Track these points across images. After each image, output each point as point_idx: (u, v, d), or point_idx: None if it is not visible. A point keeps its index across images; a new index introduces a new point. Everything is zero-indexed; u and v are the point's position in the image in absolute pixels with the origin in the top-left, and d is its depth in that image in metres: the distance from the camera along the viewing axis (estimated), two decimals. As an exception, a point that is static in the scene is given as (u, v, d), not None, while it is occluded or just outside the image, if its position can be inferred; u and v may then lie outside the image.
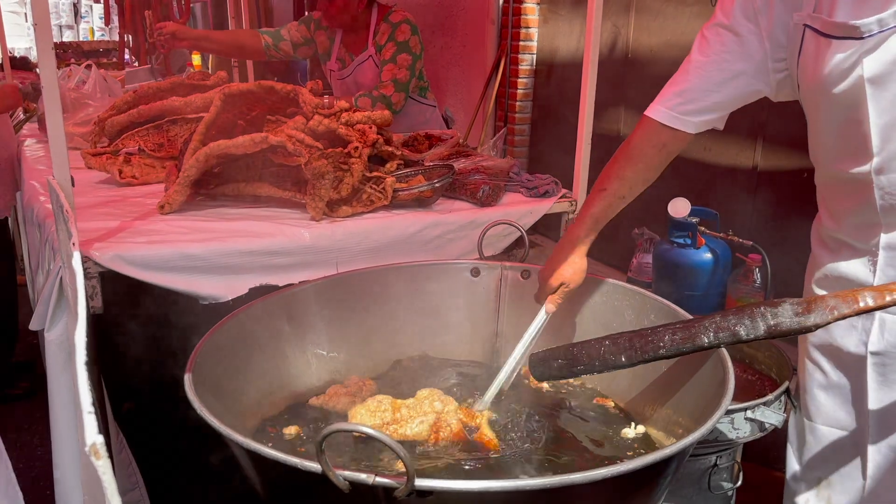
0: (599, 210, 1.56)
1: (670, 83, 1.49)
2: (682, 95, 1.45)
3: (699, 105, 1.44)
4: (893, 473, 1.39)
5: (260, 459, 1.03)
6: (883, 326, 1.34)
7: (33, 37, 5.43)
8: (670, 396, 1.43)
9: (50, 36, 1.59)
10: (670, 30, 3.86)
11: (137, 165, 2.52)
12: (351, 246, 1.97)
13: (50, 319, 1.74)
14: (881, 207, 1.27)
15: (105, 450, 0.57)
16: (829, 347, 1.45)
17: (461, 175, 2.34)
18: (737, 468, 1.89)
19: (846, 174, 1.30)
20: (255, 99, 2.31)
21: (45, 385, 1.78)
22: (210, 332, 1.40)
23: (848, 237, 1.37)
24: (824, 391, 1.49)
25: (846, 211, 1.36)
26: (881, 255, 1.31)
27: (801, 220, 1.55)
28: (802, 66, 1.30)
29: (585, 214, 1.58)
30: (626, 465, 0.99)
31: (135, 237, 1.85)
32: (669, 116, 1.46)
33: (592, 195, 1.58)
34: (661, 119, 1.48)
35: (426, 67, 3.35)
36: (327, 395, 1.55)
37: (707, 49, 1.41)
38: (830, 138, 1.32)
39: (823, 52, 1.23)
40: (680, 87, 1.46)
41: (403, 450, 0.89)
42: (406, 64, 3.05)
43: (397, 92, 3.02)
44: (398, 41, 3.06)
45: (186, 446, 1.84)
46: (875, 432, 1.39)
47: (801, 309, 1.17)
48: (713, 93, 1.42)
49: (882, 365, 1.36)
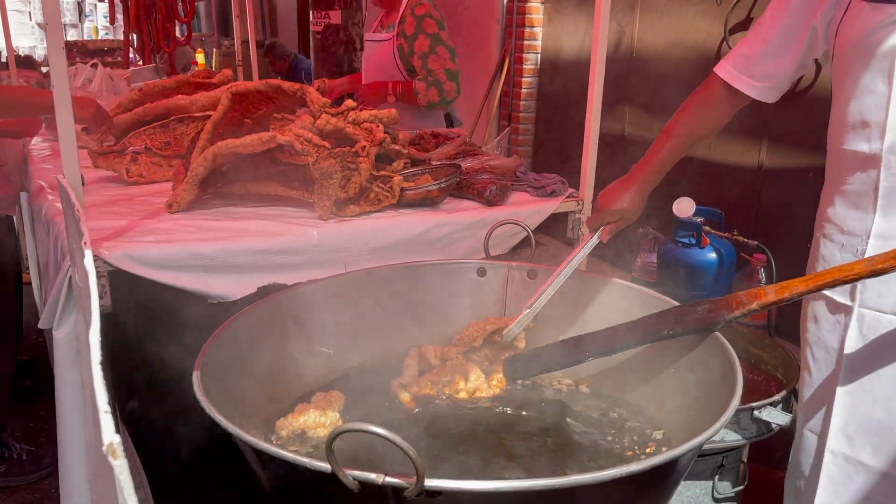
0: (665, 154, 1.59)
1: (741, 42, 1.52)
2: (747, 57, 1.49)
3: (761, 70, 1.47)
4: (845, 486, 1.39)
5: (269, 459, 1.04)
6: (861, 323, 1.34)
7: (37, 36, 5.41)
8: (677, 396, 1.43)
9: (61, 37, 1.59)
10: (675, 29, 3.86)
11: (144, 164, 2.52)
12: (358, 245, 1.98)
13: (59, 318, 1.75)
14: (883, 189, 1.28)
15: (122, 449, 0.57)
16: (818, 345, 1.46)
17: (468, 174, 2.34)
18: (743, 468, 1.90)
19: (857, 154, 1.31)
20: (262, 97, 2.32)
21: (50, 383, 1.79)
22: (218, 330, 1.40)
23: (843, 225, 1.39)
24: (808, 390, 1.49)
25: (846, 197, 1.37)
26: (870, 243, 1.32)
27: (806, 220, 1.55)
28: (842, 32, 1.32)
29: (652, 158, 1.59)
30: (635, 465, 0.99)
31: (143, 236, 1.86)
32: (732, 75, 1.51)
33: (659, 140, 1.60)
34: (723, 76, 1.52)
35: None
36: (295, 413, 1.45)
37: (775, 13, 1.44)
38: (850, 114, 1.33)
39: (866, 16, 1.26)
40: (746, 48, 1.50)
41: (413, 450, 0.89)
42: (447, 56, 3.20)
43: (449, 81, 3.17)
44: (429, 33, 3.20)
45: (191, 445, 1.84)
46: (834, 439, 1.39)
47: (713, 306, 1.34)
48: (772, 58, 1.45)
49: (853, 365, 1.36)
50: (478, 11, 5.37)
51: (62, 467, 1.84)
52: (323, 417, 1.35)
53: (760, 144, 3.36)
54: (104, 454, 0.58)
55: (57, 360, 1.77)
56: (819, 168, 1.47)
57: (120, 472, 0.56)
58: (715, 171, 3.55)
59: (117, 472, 0.56)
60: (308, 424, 1.34)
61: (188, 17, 4.92)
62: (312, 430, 1.34)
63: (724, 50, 3.47)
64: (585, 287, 1.68)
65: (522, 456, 1.33)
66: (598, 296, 1.70)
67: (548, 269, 1.74)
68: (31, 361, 3.60)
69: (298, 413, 1.38)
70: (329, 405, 1.42)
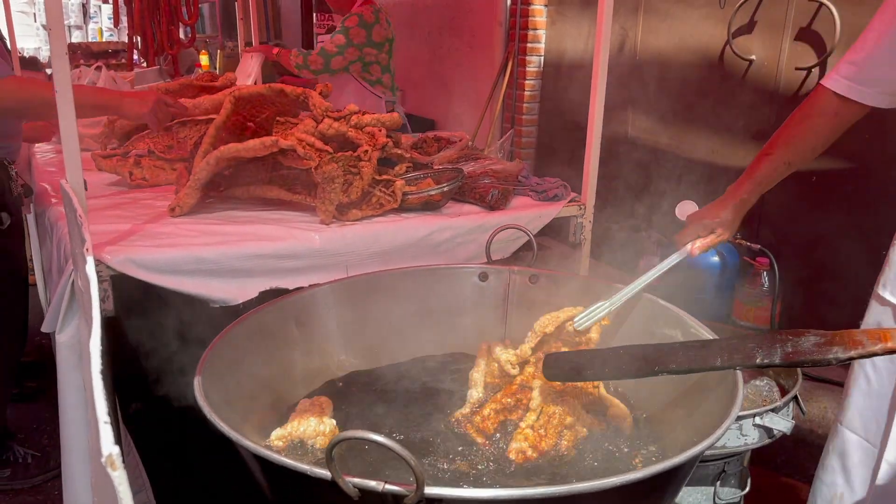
0: (764, 174, 1.54)
1: (849, 51, 1.45)
2: (857, 64, 1.41)
3: (873, 75, 1.40)
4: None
5: (269, 466, 1.04)
6: None
7: (42, 37, 5.42)
8: (678, 401, 1.42)
9: (64, 40, 1.60)
10: (679, 32, 3.85)
11: (147, 167, 2.53)
12: (360, 249, 1.98)
13: (61, 322, 1.75)
14: None
15: (121, 461, 0.58)
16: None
17: (470, 178, 2.34)
18: (745, 473, 1.89)
19: None
20: (264, 101, 2.32)
21: (54, 385, 1.79)
22: (220, 335, 1.40)
23: None
24: (863, 398, 1.48)
25: None
26: None
27: (809, 224, 1.55)
28: None
29: (750, 177, 1.55)
30: (635, 473, 0.99)
31: (145, 240, 1.86)
32: (844, 86, 1.43)
33: (758, 159, 1.55)
34: (834, 88, 1.44)
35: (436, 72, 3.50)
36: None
37: (883, 19, 1.38)
38: None
39: None
40: (855, 55, 1.42)
41: (413, 457, 0.89)
42: (338, 42, 3.69)
43: (318, 56, 3.71)
44: (344, 25, 3.73)
45: (193, 448, 1.85)
46: (893, 450, 1.38)
47: (824, 341, 1.10)
48: (885, 64, 1.38)
49: None
50: (481, 14, 5.37)
51: (65, 471, 1.84)
52: (321, 426, 1.34)
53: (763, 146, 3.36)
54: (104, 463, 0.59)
55: (60, 363, 1.78)
56: (822, 172, 1.47)
57: (119, 482, 0.56)
58: (718, 174, 3.55)
59: (116, 483, 0.56)
60: (307, 434, 1.33)
61: (192, 20, 4.93)
62: (312, 440, 1.33)
63: (728, 53, 3.47)
64: (588, 293, 1.68)
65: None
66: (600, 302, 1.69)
67: (549, 275, 1.74)
68: (35, 363, 3.61)
69: (295, 421, 1.36)
70: (322, 412, 1.40)
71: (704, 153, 3.66)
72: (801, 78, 3.16)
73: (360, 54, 3.76)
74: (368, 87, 3.88)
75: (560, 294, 1.65)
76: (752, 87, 3.39)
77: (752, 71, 3.39)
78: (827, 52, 3.03)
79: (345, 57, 3.73)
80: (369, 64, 3.83)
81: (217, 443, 1.15)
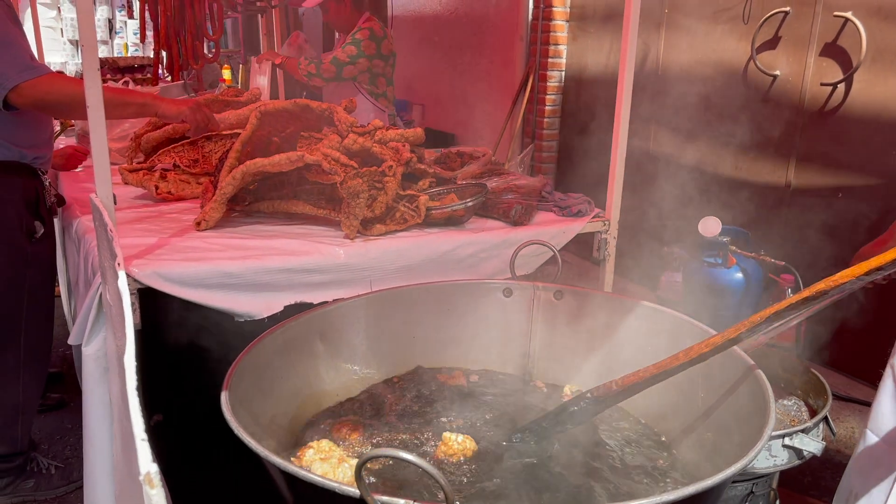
0: None
1: None
2: None
3: None
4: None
5: (296, 482, 1.03)
6: None
7: (68, 52, 5.49)
8: (709, 423, 1.40)
9: (96, 57, 1.62)
10: (702, 47, 3.84)
11: (173, 181, 2.56)
12: (384, 264, 1.98)
13: (88, 334, 1.77)
14: None
15: (159, 478, 0.58)
16: None
17: (493, 194, 2.34)
18: (773, 495, 1.86)
19: None
20: (290, 117, 2.34)
21: (76, 395, 1.80)
22: (246, 349, 1.40)
23: None
24: (891, 401, 1.46)
25: None
26: None
27: (834, 241, 1.53)
28: None
29: None
30: (666, 496, 0.97)
31: (172, 254, 1.87)
32: None
33: None
34: None
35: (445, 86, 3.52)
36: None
37: None
38: None
39: None
40: None
41: (443, 476, 0.88)
42: (350, 52, 3.81)
43: (331, 64, 3.81)
44: (355, 37, 3.86)
45: (215, 460, 1.85)
46: None
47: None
48: None
49: None
50: (502, 29, 5.39)
51: (88, 484, 1.85)
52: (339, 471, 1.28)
53: (788, 163, 3.33)
54: (136, 478, 0.59)
55: (85, 376, 1.79)
56: (848, 188, 1.45)
57: (157, 502, 0.56)
58: (741, 189, 3.52)
59: (154, 501, 0.56)
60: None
61: (217, 35, 4.98)
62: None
63: (752, 68, 3.45)
64: (618, 308, 1.66)
65: (557, 474, 1.31)
66: (627, 318, 1.68)
67: (574, 291, 1.73)
68: (58, 373, 3.63)
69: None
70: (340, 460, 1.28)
71: (727, 169, 3.63)
72: (827, 94, 3.13)
73: (370, 65, 3.90)
74: (373, 100, 4.01)
75: (585, 310, 1.64)
76: (777, 102, 3.37)
77: (777, 86, 3.37)
78: (853, 68, 3.01)
79: (356, 66, 3.86)
80: (377, 76, 3.97)
81: (239, 455, 1.14)
